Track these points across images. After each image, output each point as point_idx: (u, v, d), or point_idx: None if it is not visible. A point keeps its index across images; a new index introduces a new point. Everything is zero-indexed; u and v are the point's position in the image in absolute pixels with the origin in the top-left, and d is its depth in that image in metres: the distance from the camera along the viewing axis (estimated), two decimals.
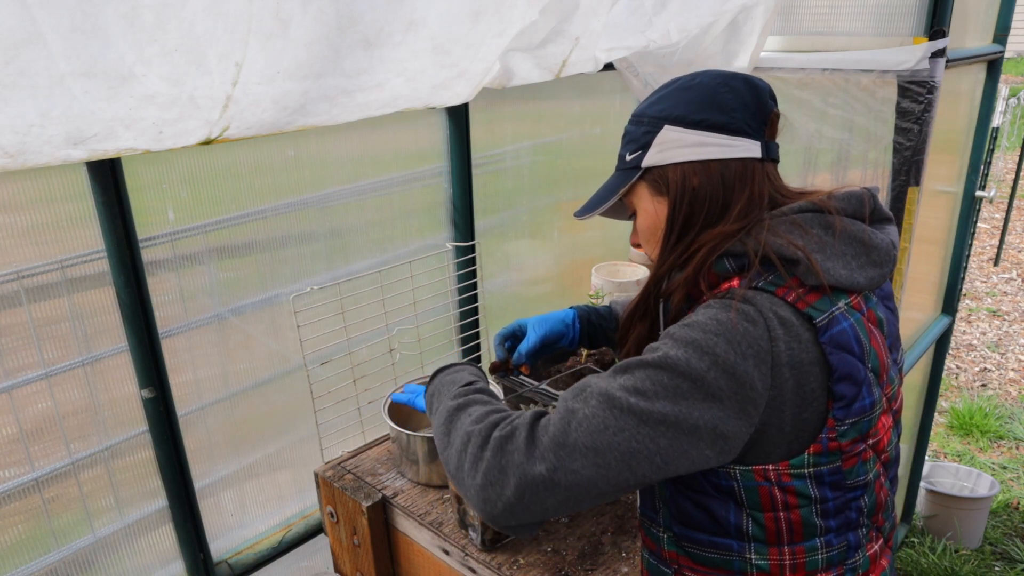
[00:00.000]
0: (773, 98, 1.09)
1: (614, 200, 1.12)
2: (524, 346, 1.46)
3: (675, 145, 1.06)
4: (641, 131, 1.10)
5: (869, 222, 1.04)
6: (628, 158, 1.12)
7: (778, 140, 1.10)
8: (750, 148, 1.05)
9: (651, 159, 1.08)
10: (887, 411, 1.04)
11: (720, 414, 0.90)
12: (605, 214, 1.18)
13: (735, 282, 1.00)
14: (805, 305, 0.95)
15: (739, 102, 1.05)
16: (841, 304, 0.98)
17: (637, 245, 1.20)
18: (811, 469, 0.97)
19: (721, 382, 0.90)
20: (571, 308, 1.52)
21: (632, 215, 1.17)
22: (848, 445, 0.97)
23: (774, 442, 0.95)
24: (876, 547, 1.07)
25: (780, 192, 1.08)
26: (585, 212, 1.17)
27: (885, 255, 1.02)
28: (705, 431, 0.90)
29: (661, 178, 1.08)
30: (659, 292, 1.11)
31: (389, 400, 1.61)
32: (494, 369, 1.49)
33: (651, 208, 1.11)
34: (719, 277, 1.03)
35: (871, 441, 1.01)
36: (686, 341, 0.93)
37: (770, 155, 1.07)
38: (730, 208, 1.04)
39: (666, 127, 1.07)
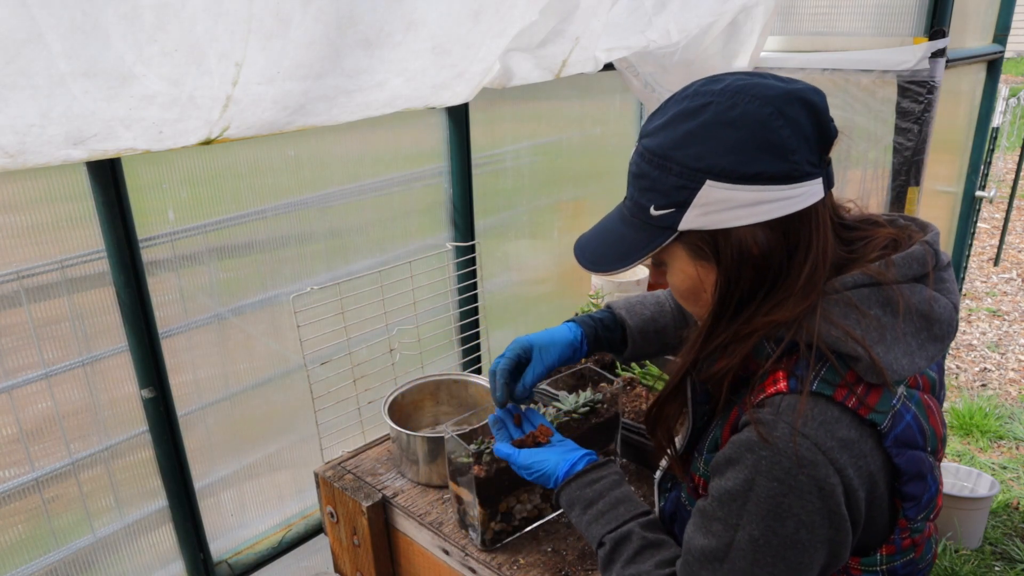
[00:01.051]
0: (827, 105, 0.91)
1: (642, 260, 0.94)
2: (530, 378, 1.25)
3: (724, 207, 0.86)
4: (671, 182, 0.88)
5: (932, 280, 0.91)
6: (655, 213, 0.90)
7: None
8: (814, 191, 0.87)
9: (692, 222, 0.88)
10: (939, 469, 0.98)
11: (823, 552, 0.87)
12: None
13: (780, 375, 0.88)
14: (868, 411, 0.85)
15: (799, 137, 0.85)
16: (900, 392, 0.89)
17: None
18: (884, 567, 0.94)
19: (808, 534, 0.86)
20: (572, 323, 1.33)
21: (658, 264, 1.01)
22: (920, 538, 0.95)
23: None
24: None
25: (840, 220, 0.95)
26: (604, 268, 0.98)
27: (948, 327, 0.91)
28: (819, 566, 0.88)
29: (707, 244, 0.90)
30: (696, 373, 0.99)
31: (388, 402, 1.61)
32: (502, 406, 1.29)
33: (692, 271, 0.94)
34: (758, 362, 0.91)
35: (934, 514, 0.96)
36: (761, 515, 0.85)
37: (830, 185, 0.91)
38: (792, 272, 0.88)
39: (708, 183, 0.85)
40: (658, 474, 1.16)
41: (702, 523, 0.93)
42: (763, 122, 0.84)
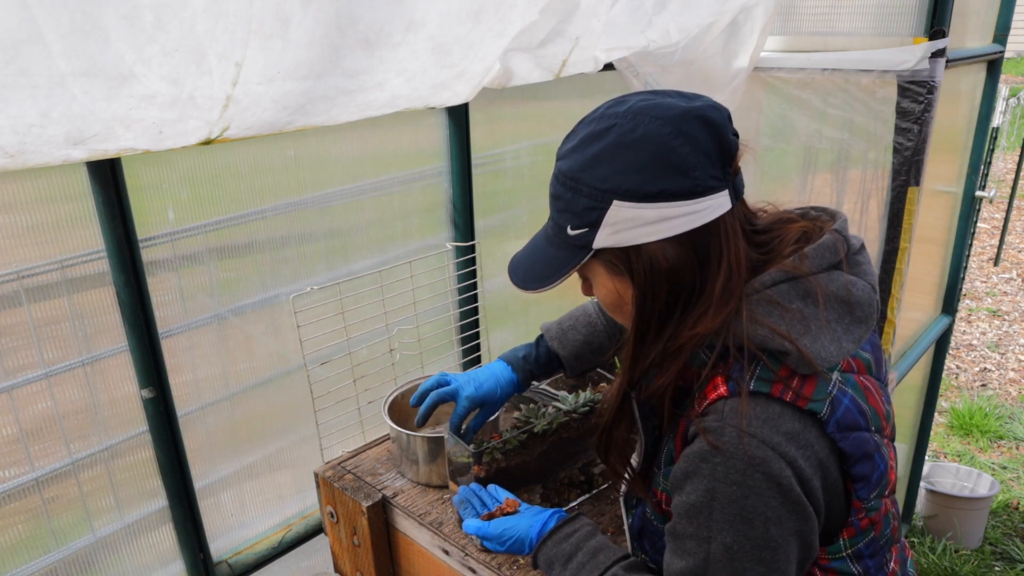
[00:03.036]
0: (730, 119, 0.93)
1: (563, 279, 0.99)
2: (473, 428, 1.37)
3: (631, 225, 0.89)
4: (582, 203, 0.91)
5: (847, 264, 0.95)
6: (571, 233, 0.94)
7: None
8: (720, 204, 0.90)
9: (604, 240, 0.92)
10: (889, 446, 1.00)
11: (795, 545, 0.89)
12: None
13: (718, 381, 0.90)
14: (805, 402, 0.88)
15: (699, 154, 0.88)
16: (835, 378, 0.91)
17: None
18: (849, 551, 0.96)
19: (777, 529, 0.87)
20: (507, 366, 1.41)
21: (584, 279, 1.04)
22: (877, 516, 0.96)
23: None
24: (896, 549, 1.07)
25: (752, 227, 0.98)
26: (532, 287, 1.02)
27: (868, 307, 0.95)
28: (795, 560, 0.90)
29: (621, 260, 0.93)
30: (635, 393, 1.01)
31: (388, 402, 1.61)
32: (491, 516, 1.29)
33: (611, 286, 0.98)
34: (696, 370, 0.94)
35: (888, 490, 0.97)
36: (729, 521, 0.87)
37: (738, 195, 0.94)
38: (708, 283, 0.91)
39: (615, 203, 0.89)
40: (623, 489, 1.16)
41: (675, 546, 0.94)
42: (663, 142, 0.87)
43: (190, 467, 1.55)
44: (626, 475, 1.08)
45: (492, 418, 1.44)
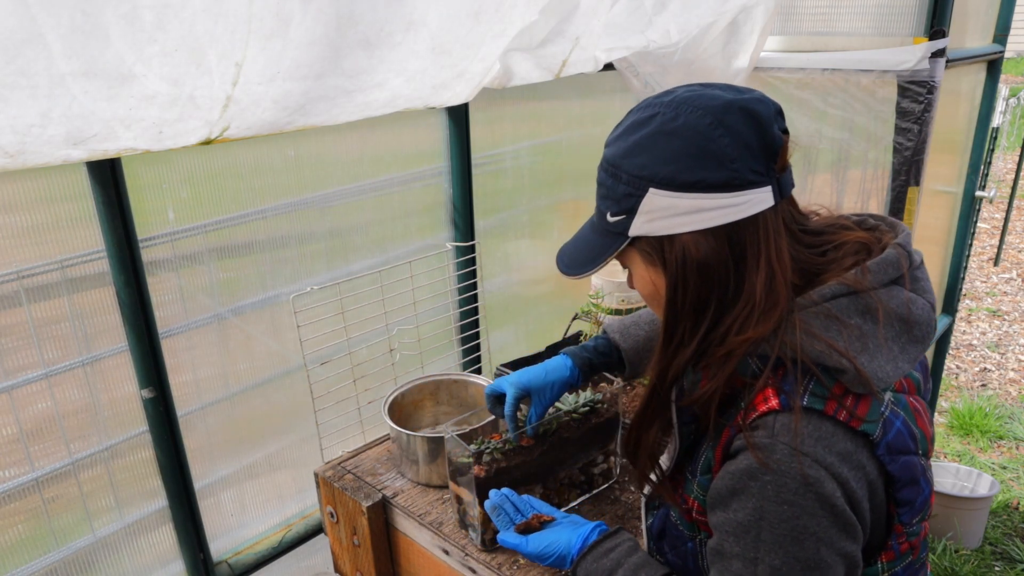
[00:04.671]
0: (780, 114, 0.91)
1: (602, 265, 0.98)
2: (533, 420, 1.33)
3: (666, 214, 0.88)
4: (621, 190, 0.91)
5: (908, 281, 0.92)
6: (611, 220, 0.94)
7: None
8: (761, 199, 0.88)
9: (639, 228, 0.91)
10: (930, 468, 0.97)
11: (842, 567, 0.87)
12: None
13: (769, 393, 0.87)
14: (859, 423, 0.85)
15: (739, 146, 0.86)
16: (888, 398, 0.89)
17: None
18: (886, 574, 0.94)
19: (827, 551, 0.85)
20: (566, 356, 1.36)
21: (624, 267, 1.03)
22: (916, 541, 0.94)
23: None
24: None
25: (801, 227, 0.94)
26: (573, 272, 1.01)
27: (927, 327, 0.91)
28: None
29: (655, 249, 0.92)
30: (669, 394, 0.97)
31: (388, 402, 1.61)
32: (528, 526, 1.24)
33: (646, 276, 0.96)
34: (743, 379, 0.90)
35: (928, 514, 0.96)
36: (778, 542, 0.84)
37: (784, 193, 0.90)
38: (746, 281, 0.88)
39: (651, 191, 0.88)
40: (646, 490, 1.14)
41: (721, 566, 0.91)
42: (702, 131, 0.86)
43: (190, 467, 1.55)
44: (654, 478, 1.05)
45: (550, 404, 1.36)
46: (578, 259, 1.01)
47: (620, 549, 1.11)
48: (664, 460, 1.05)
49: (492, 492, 1.27)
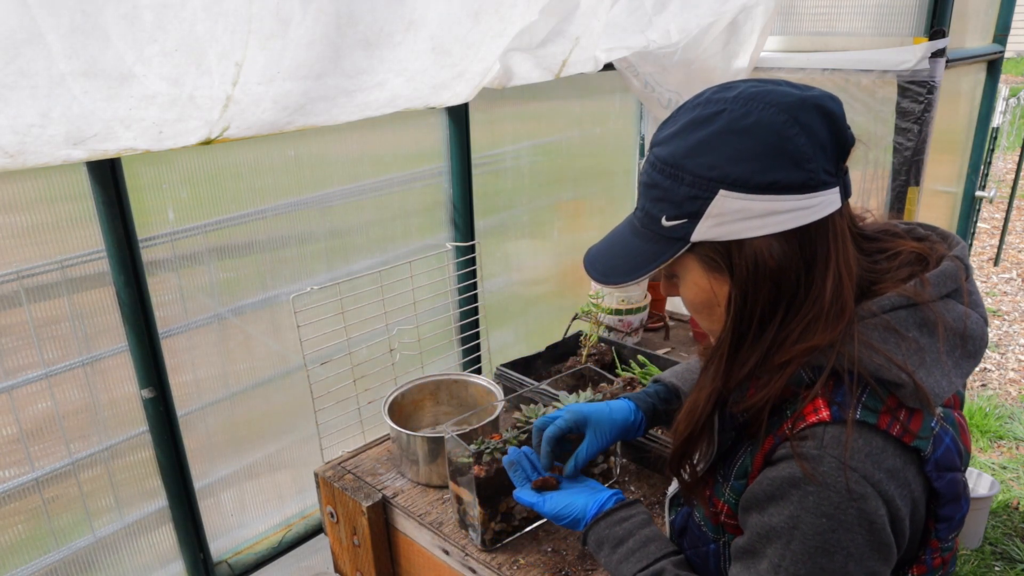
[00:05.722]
0: (843, 112, 0.87)
1: (652, 272, 0.91)
2: (584, 455, 1.20)
3: (738, 217, 0.83)
4: (683, 192, 0.85)
5: (966, 295, 0.89)
6: (667, 224, 0.88)
7: None
8: (831, 201, 0.84)
9: (705, 233, 0.85)
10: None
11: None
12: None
13: (820, 403, 0.84)
14: (912, 438, 0.83)
15: (815, 145, 0.82)
16: (939, 414, 0.86)
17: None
18: None
19: (856, 567, 0.83)
20: (628, 400, 1.28)
21: (670, 276, 0.97)
22: (949, 555, 0.93)
23: None
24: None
25: (859, 231, 0.92)
26: (615, 280, 0.94)
27: (980, 341, 0.88)
28: None
29: (721, 256, 0.87)
30: (725, 403, 0.94)
31: (388, 402, 1.61)
32: (545, 484, 1.21)
33: (705, 284, 0.90)
34: (792, 388, 0.87)
35: (961, 529, 0.94)
36: (807, 552, 0.82)
37: (848, 194, 0.88)
38: (813, 287, 0.84)
39: (722, 193, 0.82)
40: (671, 490, 1.14)
41: (745, 564, 0.91)
42: (778, 130, 0.81)
43: (190, 467, 1.55)
44: (686, 478, 1.02)
45: (600, 447, 1.24)
46: (620, 267, 0.93)
47: (634, 520, 1.10)
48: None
49: (511, 448, 1.25)
